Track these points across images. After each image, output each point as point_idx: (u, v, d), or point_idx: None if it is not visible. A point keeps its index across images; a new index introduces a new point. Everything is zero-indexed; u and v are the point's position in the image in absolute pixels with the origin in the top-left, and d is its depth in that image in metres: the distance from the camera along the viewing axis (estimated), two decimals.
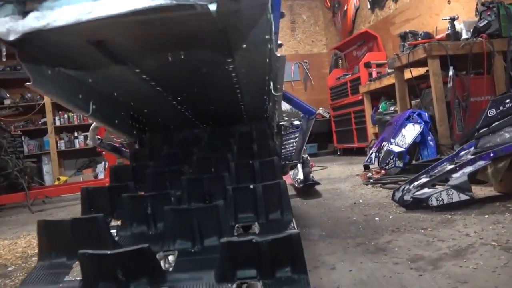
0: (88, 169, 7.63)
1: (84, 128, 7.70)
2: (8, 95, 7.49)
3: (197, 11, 0.72)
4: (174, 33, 0.87)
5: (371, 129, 6.44)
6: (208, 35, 0.90)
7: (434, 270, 1.30)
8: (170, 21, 0.80)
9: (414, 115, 3.92)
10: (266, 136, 1.46)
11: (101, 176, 6.66)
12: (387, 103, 6.01)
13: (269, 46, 0.89)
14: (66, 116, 7.60)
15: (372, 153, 4.29)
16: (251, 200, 0.95)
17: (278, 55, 0.90)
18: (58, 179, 6.82)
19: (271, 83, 1.08)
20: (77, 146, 7.65)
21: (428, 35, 4.09)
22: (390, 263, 1.41)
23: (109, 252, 0.63)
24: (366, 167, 4.36)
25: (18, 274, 1.87)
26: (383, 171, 3.90)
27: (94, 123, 1.65)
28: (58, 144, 7.55)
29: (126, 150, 1.75)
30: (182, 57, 1.02)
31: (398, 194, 2.36)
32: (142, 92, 1.31)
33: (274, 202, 0.95)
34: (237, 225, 0.93)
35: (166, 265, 0.78)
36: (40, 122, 7.56)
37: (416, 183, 2.35)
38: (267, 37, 0.89)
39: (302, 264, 0.66)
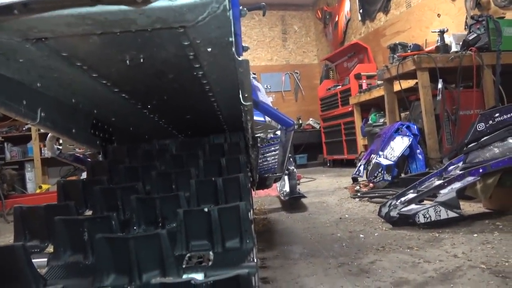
0: (72, 177, 7.45)
1: None
2: None
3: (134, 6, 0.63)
4: (121, 32, 0.78)
5: (361, 141, 6.39)
6: (165, 36, 0.81)
7: None
8: (110, 17, 0.71)
9: (403, 127, 3.86)
10: (237, 149, 1.37)
11: None
12: (377, 115, 5.98)
13: (232, 49, 0.80)
14: None
15: (360, 165, 4.21)
16: (206, 225, 0.84)
17: (240, 59, 0.81)
18: (40, 187, 6.63)
19: (240, 92, 0.99)
20: None
21: (417, 47, 4.06)
22: (372, 287, 1.32)
23: None
24: (355, 180, 4.29)
25: None
26: (371, 184, 3.83)
27: (50, 134, 1.54)
28: (42, 151, 7.36)
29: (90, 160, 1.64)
30: (142, 60, 0.92)
31: (384, 210, 2.28)
32: (105, 98, 1.21)
33: (232, 228, 0.84)
34: (188, 255, 0.82)
35: None
36: (24, 128, 7.37)
37: (403, 199, 2.26)
38: (229, 39, 0.80)
39: None
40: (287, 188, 3.43)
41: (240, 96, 0.99)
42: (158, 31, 0.81)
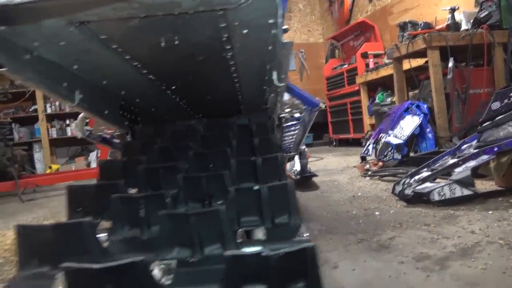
0: (80, 157, 7.52)
1: (76, 116, 7.56)
2: None
3: None
4: (164, 15, 0.79)
5: (367, 120, 6.39)
6: (204, 18, 0.83)
7: (441, 270, 1.25)
8: (157, 0, 0.72)
9: (413, 106, 3.86)
10: (267, 129, 1.39)
11: (94, 164, 6.56)
12: (384, 94, 5.95)
13: (273, 31, 0.81)
14: (57, 103, 7.44)
15: (369, 144, 4.23)
16: (256, 202, 0.88)
17: (285, 41, 0.82)
18: (50, 167, 6.70)
19: (274, 73, 1.00)
20: (69, 134, 7.51)
21: (428, 26, 4.03)
22: (394, 262, 1.36)
23: (96, 266, 0.56)
24: (363, 159, 4.32)
25: (6, 268, 1.80)
26: (380, 163, 3.86)
27: (82, 113, 1.56)
28: (50, 132, 7.41)
29: (118, 141, 1.66)
30: (176, 43, 0.94)
31: (398, 188, 2.31)
32: (133, 80, 1.22)
33: (280, 205, 0.88)
34: (240, 230, 0.86)
35: (163, 277, 0.71)
36: (30, 110, 7.40)
37: (417, 177, 2.30)
38: (271, 21, 0.81)
39: (317, 280, 0.60)
40: (298, 167, 3.46)
41: (275, 77, 1.00)
42: (198, 14, 0.82)
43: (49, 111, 7.39)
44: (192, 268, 0.71)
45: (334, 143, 7.76)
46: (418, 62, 4.54)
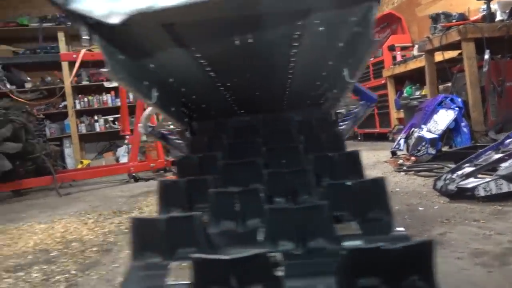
0: (108, 152, 7.69)
1: (104, 111, 7.73)
2: (28, 79, 7.52)
3: None
4: (248, 14, 0.81)
5: (394, 114, 6.31)
6: (285, 16, 0.84)
7: (502, 266, 1.25)
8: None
9: (447, 100, 3.80)
10: (326, 125, 1.41)
11: (123, 159, 6.70)
12: (412, 87, 5.86)
13: (357, 29, 0.82)
14: (86, 99, 7.62)
15: (400, 139, 4.19)
16: (347, 197, 0.90)
17: (375, 38, 0.83)
18: (81, 162, 6.88)
19: (345, 69, 1.02)
20: (98, 129, 7.69)
21: (462, 17, 3.94)
22: (451, 258, 1.36)
23: (226, 257, 0.59)
24: (394, 154, 4.28)
25: (62, 260, 1.88)
26: (413, 158, 3.82)
27: (148, 110, 1.61)
28: (79, 128, 7.60)
29: (173, 137, 1.71)
30: (250, 41, 0.96)
31: (440, 183, 2.29)
32: (194, 77, 1.26)
33: (372, 200, 0.90)
34: (336, 225, 0.89)
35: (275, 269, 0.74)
36: (60, 106, 7.60)
37: (459, 172, 2.27)
38: (352, 19, 0.82)
39: (432, 274, 0.62)
40: None
41: (346, 73, 1.02)
42: (282, 12, 0.83)
43: (78, 107, 7.57)
44: (300, 261, 0.74)
45: (359, 138, 7.70)
46: (449, 54, 4.45)
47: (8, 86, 4.57)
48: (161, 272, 0.70)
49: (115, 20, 0.70)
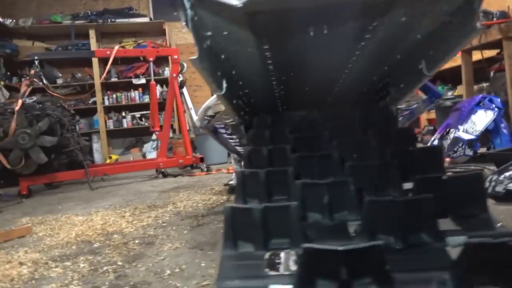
0: (135, 148, 7.80)
1: (132, 108, 7.84)
2: (60, 75, 7.70)
3: None
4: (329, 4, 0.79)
5: (424, 115, 6.17)
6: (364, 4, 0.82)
7: None
8: None
9: (485, 100, 3.69)
10: (393, 121, 1.38)
11: (150, 155, 6.78)
12: (445, 87, 5.73)
13: (451, 18, 0.79)
14: (114, 96, 7.74)
15: (434, 139, 4.10)
16: (440, 192, 0.87)
17: (478, 27, 0.80)
18: (110, 157, 7.01)
19: (423, 61, 0.99)
20: (125, 125, 7.80)
21: (504, 15, 3.81)
22: None
23: (340, 248, 0.58)
24: None
25: (106, 251, 1.90)
26: (448, 159, 3.73)
27: (207, 103, 1.61)
28: (107, 123, 7.73)
29: (224, 131, 1.71)
30: (325, 32, 0.94)
31: (485, 185, 2.22)
32: (253, 71, 1.25)
33: (467, 195, 0.87)
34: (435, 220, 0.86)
35: None
36: (90, 102, 7.74)
37: (507, 174, 2.20)
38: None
39: None
40: None
41: (424, 66, 0.99)
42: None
43: (106, 103, 7.69)
44: (401, 255, 0.72)
45: None
46: (486, 53, 4.33)
47: (44, 81, 4.68)
48: (256, 262, 0.69)
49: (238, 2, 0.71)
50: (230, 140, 1.96)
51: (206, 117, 1.69)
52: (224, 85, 1.06)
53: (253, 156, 1.17)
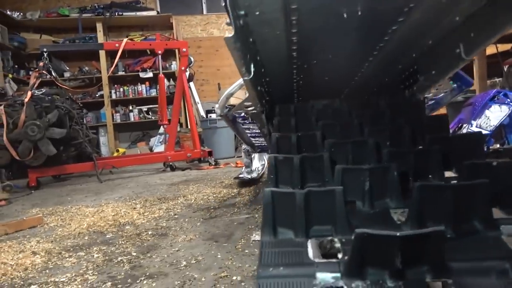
0: (141, 142, 7.79)
1: (138, 102, 7.83)
2: (67, 68, 7.69)
3: None
4: None
5: None
6: None
7: None
8: None
9: (500, 95, 3.63)
10: (423, 109, 1.33)
11: (157, 149, 6.77)
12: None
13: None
14: (121, 89, 7.73)
15: None
16: (487, 178, 0.83)
17: None
18: (117, 150, 7.00)
19: (461, 45, 0.94)
20: (132, 119, 7.79)
21: None
22: None
23: (397, 233, 0.54)
24: None
25: (119, 242, 1.88)
26: None
27: (229, 90, 1.57)
28: (114, 117, 7.72)
29: (243, 121, 1.67)
30: (359, 13, 0.90)
31: None
32: (276, 57, 1.21)
33: None
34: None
35: None
36: (97, 95, 7.73)
37: None
38: None
39: None
40: None
41: (462, 49, 0.94)
42: None
43: (113, 97, 7.68)
44: (454, 244, 0.68)
45: None
46: (500, 47, 4.26)
47: (54, 73, 4.67)
48: (298, 249, 0.66)
49: None
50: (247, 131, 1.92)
51: (227, 106, 1.66)
52: (252, 69, 1.02)
53: (282, 142, 1.14)
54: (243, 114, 1.68)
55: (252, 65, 1.03)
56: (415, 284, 0.56)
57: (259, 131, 1.82)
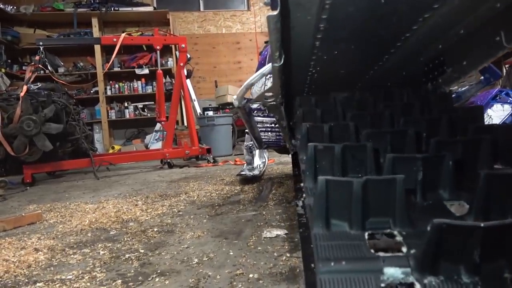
0: (137, 139, 7.70)
1: (134, 98, 7.73)
2: (62, 63, 7.57)
3: None
4: None
5: None
6: None
7: None
8: None
9: (502, 94, 3.64)
10: (450, 100, 1.30)
11: (153, 146, 6.69)
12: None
13: None
14: (116, 86, 7.63)
15: None
16: None
17: None
18: (113, 147, 6.90)
19: (502, 33, 0.91)
20: (127, 116, 7.70)
21: None
22: None
23: (482, 224, 0.50)
24: None
25: (125, 239, 1.82)
26: None
27: (249, 80, 1.51)
28: (109, 114, 7.62)
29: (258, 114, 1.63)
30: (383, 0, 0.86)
31: None
32: (299, 45, 1.17)
33: None
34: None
35: None
36: (92, 91, 7.63)
37: None
38: None
39: None
40: None
41: (503, 37, 0.91)
42: None
43: (109, 93, 7.58)
44: None
45: None
46: None
47: (50, 68, 4.57)
48: (356, 242, 0.61)
49: None
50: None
51: (245, 97, 1.60)
52: (283, 55, 0.98)
53: (313, 132, 1.09)
54: (259, 106, 1.63)
55: (282, 51, 0.98)
56: (491, 279, 0.52)
57: (271, 125, 1.78)
